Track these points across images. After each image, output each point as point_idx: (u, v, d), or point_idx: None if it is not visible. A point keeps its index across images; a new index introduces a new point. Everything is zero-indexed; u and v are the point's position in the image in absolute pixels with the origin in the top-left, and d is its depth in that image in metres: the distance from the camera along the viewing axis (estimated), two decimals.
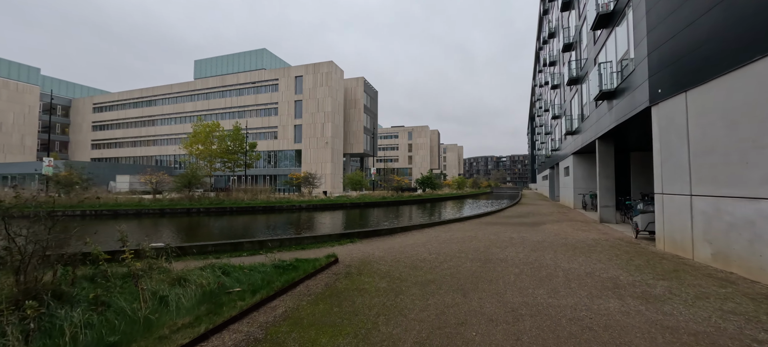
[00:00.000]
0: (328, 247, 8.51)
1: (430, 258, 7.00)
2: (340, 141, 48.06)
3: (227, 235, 13.27)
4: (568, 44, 20.04)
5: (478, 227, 11.93)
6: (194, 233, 13.37)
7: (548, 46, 32.60)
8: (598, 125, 13.20)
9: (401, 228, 10.90)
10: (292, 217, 19.03)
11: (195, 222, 16.42)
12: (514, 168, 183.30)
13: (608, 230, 10.97)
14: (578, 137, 18.10)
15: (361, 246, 8.61)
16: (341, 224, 16.27)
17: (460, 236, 9.82)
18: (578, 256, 7.02)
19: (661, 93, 7.60)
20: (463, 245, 8.46)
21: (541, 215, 16.44)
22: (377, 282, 5.41)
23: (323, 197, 25.90)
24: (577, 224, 12.45)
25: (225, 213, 20.39)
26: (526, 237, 9.49)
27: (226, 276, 4.86)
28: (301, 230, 14.44)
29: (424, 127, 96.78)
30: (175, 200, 21.49)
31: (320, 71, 46.73)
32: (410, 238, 9.73)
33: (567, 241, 8.82)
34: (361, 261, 6.83)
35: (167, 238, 12.22)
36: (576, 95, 18.69)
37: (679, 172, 6.99)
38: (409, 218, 19.59)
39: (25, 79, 60.98)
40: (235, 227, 15.54)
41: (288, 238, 8.73)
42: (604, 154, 13.31)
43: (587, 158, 19.68)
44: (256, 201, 22.08)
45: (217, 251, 7.79)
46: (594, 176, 19.41)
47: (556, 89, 28.30)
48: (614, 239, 9.08)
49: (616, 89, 10.93)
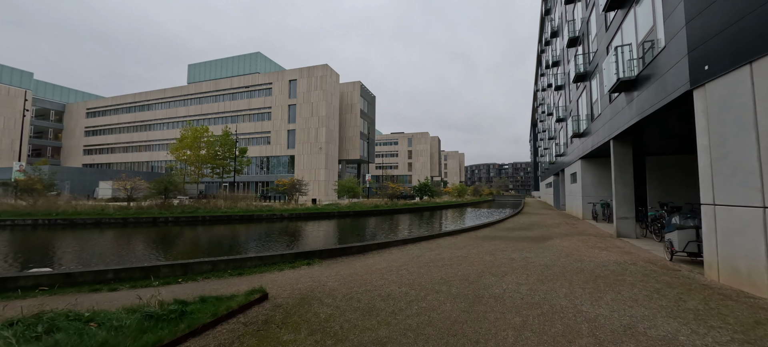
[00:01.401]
0: (272, 272, 6.60)
1: (398, 294, 5.07)
2: (334, 147, 46.32)
3: (179, 250, 11.38)
4: (574, 39, 18.27)
5: (472, 243, 9.96)
6: (135, 249, 11.47)
7: (551, 47, 30.94)
8: (613, 123, 11.30)
9: (378, 245, 8.96)
10: (270, 227, 17.13)
11: (153, 234, 14.54)
12: (517, 176, 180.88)
13: (631, 247, 8.98)
14: (587, 139, 16.19)
15: (317, 271, 6.69)
16: (317, 238, 14.33)
17: (448, 257, 7.87)
18: (604, 292, 5.06)
19: (708, 70, 5.72)
20: (449, 270, 6.52)
21: (546, 227, 14.44)
22: (302, 341, 3.50)
23: (311, 206, 24.00)
24: (590, 240, 10.46)
25: (197, 223, 18.52)
26: (530, 259, 7.52)
27: (36, 342, 2.96)
28: (267, 245, 12.52)
29: (424, 133, 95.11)
30: (143, 209, 19.66)
31: (315, 75, 45.27)
32: (385, 259, 7.79)
33: (583, 265, 6.84)
34: (300, 299, 4.90)
35: (87, 256, 10.32)
36: (584, 92, 16.84)
37: (741, 175, 5.07)
38: (398, 229, 17.64)
39: (18, 84, 60.03)
40: (199, 239, 13.65)
41: (225, 259, 6.82)
42: (620, 156, 11.38)
43: (597, 163, 17.73)
44: (234, 210, 20.21)
45: (120, 280, 5.89)
46: (605, 183, 17.44)
47: (560, 91, 26.49)
48: (643, 261, 7.10)
49: (637, 76, 9.06)
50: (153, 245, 12.02)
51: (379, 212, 25.75)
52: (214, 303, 4.35)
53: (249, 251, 11.27)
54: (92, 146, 63.09)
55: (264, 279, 6.14)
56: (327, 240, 13.61)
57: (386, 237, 12.94)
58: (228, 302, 4.39)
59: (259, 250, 10.97)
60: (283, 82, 47.25)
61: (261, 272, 6.67)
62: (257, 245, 12.31)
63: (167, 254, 10.47)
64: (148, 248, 11.34)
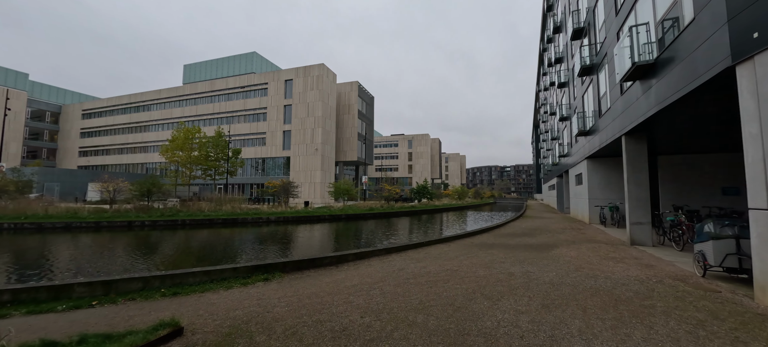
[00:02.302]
0: (217, 291, 5.40)
1: (357, 328, 3.85)
2: (331, 148, 45.19)
3: (137, 258, 10.19)
4: (579, 30, 17.05)
5: (466, 252, 8.73)
6: (89, 258, 10.30)
7: (553, 44, 29.76)
8: (626, 117, 10.06)
9: (356, 255, 7.74)
10: (252, 232, 15.96)
11: (121, 240, 13.38)
12: (519, 178, 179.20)
13: (650, 258, 7.72)
14: (593, 137, 14.94)
15: (271, 290, 5.48)
16: (296, 244, 13.12)
17: (435, 271, 6.64)
18: (631, 325, 3.82)
19: (758, 38, 4.50)
20: (432, 291, 5.29)
21: (550, 232, 13.17)
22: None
23: (300, 209, 22.82)
24: (601, 248, 9.20)
25: (176, 227, 17.37)
26: (532, 274, 6.28)
27: None
28: (240, 252, 11.31)
29: (424, 135, 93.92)
30: (120, 212, 18.54)
31: (311, 74, 44.24)
32: (360, 273, 6.58)
33: (598, 283, 5.60)
34: (226, 335, 3.69)
35: (20, 267, 9.17)
36: (590, 87, 15.61)
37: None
38: (390, 233, 16.41)
39: (13, 85, 59.42)
40: (167, 246, 12.47)
41: (161, 275, 5.63)
42: (634, 154, 10.13)
43: (605, 163, 16.46)
44: (218, 213, 19.04)
45: (18, 302, 4.71)
46: (614, 185, 16.16)
47: (563, 88, 25.25)
48: (670, 279, 5.84)
49: (656, 60, 7.84)
50: (111, 253, 10.85)
51: (373, 215, 24.52)
52: (96, 346, 3.15)
53: (222, 258, 10.06)
54: (88, 147, 62.34)
55: (201, 301, 4.95)
56: (308, 247, 12.40)
57: (370, 245, 11.73)
58: (117, 344, 3.18)
59: (222, 260, 9.77)
60: (278, 82, 46.26)
61: (203, 290, 5.47)
62: (228, 252, 11.10)
63: (122, 263, 9.29)
64: (105, 257, 10.16)
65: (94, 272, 8.37)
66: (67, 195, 37.89)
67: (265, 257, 10.07)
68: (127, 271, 8.30)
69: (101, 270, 8.51)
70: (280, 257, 10.01)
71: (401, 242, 9.38)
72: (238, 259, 10.00)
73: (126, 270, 8.38)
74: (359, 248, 11.15)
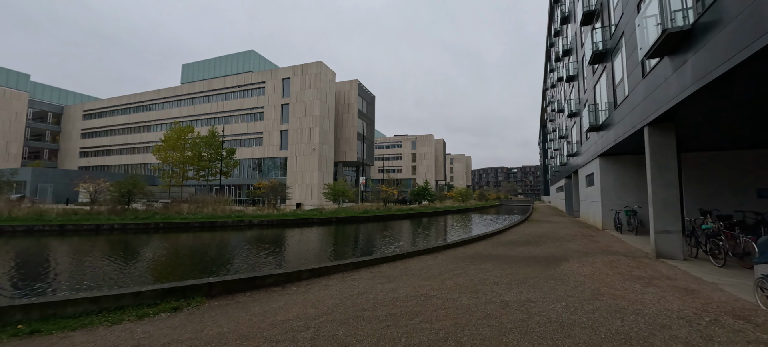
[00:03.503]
0: (94, 327, 3.91)
1: None
2: (329, 148, 43.80)
3: (74, 269, 8.81)
4: (590, 13, 15.37)
5: (452, 267, 7.13)
6: (15, 267, 8.95)
7: (561, 37, 27.98)
8: (649, 104, 8.37)
9: (311, 272, 6.21)
10: (229, 237, 14.58)
11: (74, 246, 12.05)
12: (526, 180, 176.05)
13: (687, 279, 6.03)
14: (607, 132, 13.20)
15: (165, 328, 3.97)
16: (264, 253, 11.62)
17: (405, 296, 5.07)
18: None
19: None
20: (387, 333, 3.72)
21: (558, 240, 11.46)
22: None
23: (288, 212, 21.40)
24: (622, 263, 7.51)
25: (148, 231, 16.07)
26: (534, 306, 4.66)
27: None
28: (195, 263, 9.86)
29: (428, 136, 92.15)
30: (91, 214, 17.33)
31: (308, 72, 42.97)
32: (305, 298, 5.04)
33: (627, 324, 3.96)
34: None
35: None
36: (603, 75, 13.88)
37: None
38: (380, 239, 14.86)
39: (14, 86, 59.49)
40: (116, 254, 11.08)
41: (24, 304, 4.18)
42: (660, 149, 8.43)
43: (620, 161, 14.68)
44: (196, 216, 17.70)
45: None
46: (630, 186, 14.37)
47: (572, 82, 23.47)
48: (728, 315, 4.18)
49: (694, 24, 6.18)
50: (46, 262, 9.49)
51: (367, 218, 22.98)
52: None
53: (164, 272, 8.63)
54: (88, 148, 62.06)
55: (61, 344, 3.47)
56: (277, 256, 10.88)
57: (346, 256, 10.20)
58: None
59: (164, 274, 8.32)
60: (276, 80, 45.11)
61: (79, 325, 4.00)
62: (178, 263, 9.65)
63: (46, 278, 7.90)
64: (35, 267, 8.79)
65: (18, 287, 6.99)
66: (62, 196, 37.23)
67: (206, 272, 8.56)
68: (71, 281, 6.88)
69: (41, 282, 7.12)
70: (211, 274, 8.45)
71: (376, 255, 7.80)
72: (186, 271, 8.54)
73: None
74: (337, 259, 9.63)
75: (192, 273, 8.38)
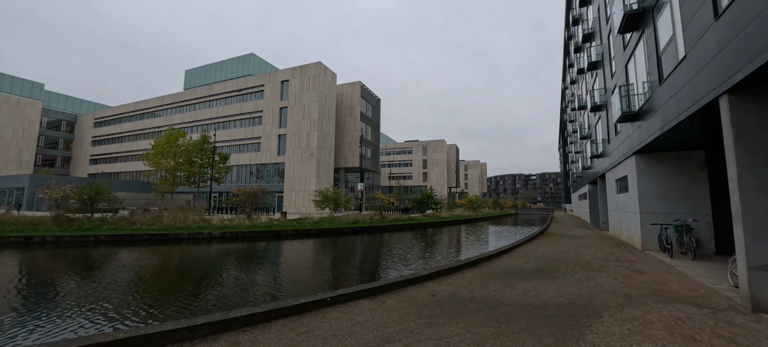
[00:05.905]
0: None
1: None
2: (328, 153, 41.37)
3: None
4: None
5: (393, 332, 4.12)
6: None
7: (581, 24, 24.47)
8: (732, 56, 5.15)
9: (206, 326, 3.34)
10: (175, 253, 12.12)
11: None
12: (545, 187, 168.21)
13: None
14: (649, 119, 9.82)
15: None
16: (189, 281, 8.89)
17: None
18: None
19: None
20: None
21: (583, 268, 8.14)
22: None
23: (261, 223, 18.82)
24: (695, 323, 4.27)
25: (86, 244, 13.82)
26: None
27: None
28: (84, 293, 7.23)
29: (440, 141, 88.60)
30: (34, 224, 15.32)
31: (307, 74, 40.95)
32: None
33: None
34: None
35: None
36: (639, 45, 10.56)
37: None
38: (359, 258, 11.93)
39: (28, 95, 60.91)
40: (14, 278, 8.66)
41: None
42: (748, 129, 5.16)
43: (666, 159, 11.16)
44: (149, 227, 15.36)
45: None
46: (680, 191, 10.80)
47: (594, 70, 19.99)
48: None
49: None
50: None
51: (355, 230, 20.07)
52: None
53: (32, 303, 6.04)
54: (98, 155, 62.58)
55: None
56: (202, 292, 8.11)
57: (269, 293, 7.32)
58: None
59: None
60: (275, 83, 43.39)
61: None
62: (59, 292, 7.06)
63: None
64: None
65: None
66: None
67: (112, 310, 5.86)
68: None
69: None
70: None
71: (291, 300, 4.86)
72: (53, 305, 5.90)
73: None
74: (261, 297, 6.80)
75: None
